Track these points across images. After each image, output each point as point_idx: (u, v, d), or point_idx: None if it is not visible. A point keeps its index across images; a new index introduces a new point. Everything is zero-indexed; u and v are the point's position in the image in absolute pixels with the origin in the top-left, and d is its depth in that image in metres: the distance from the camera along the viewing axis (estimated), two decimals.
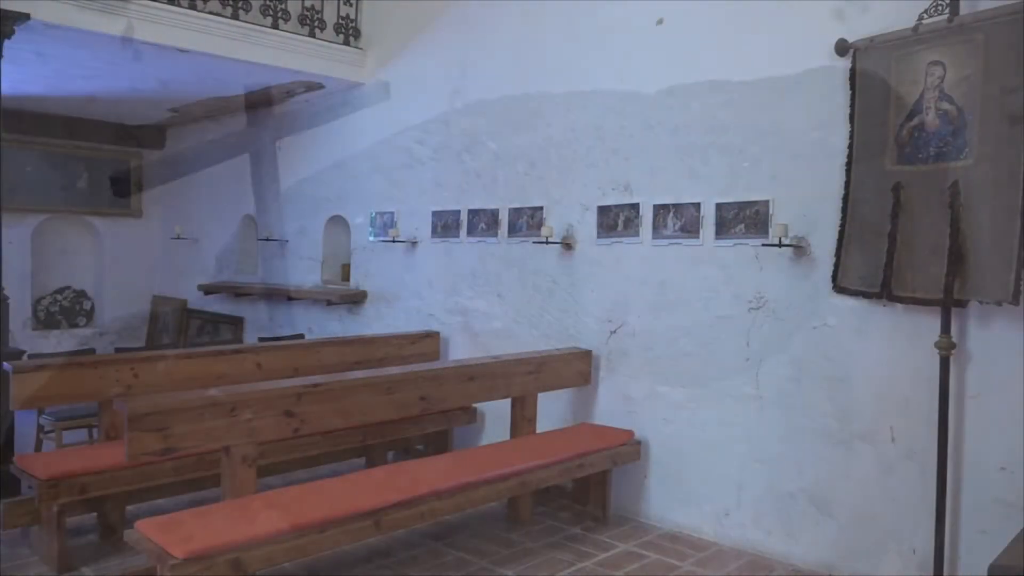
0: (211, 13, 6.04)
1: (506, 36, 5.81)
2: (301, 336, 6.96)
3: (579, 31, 5.31)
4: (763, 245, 4.32)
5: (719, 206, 4.55)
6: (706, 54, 4.63)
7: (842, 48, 3.99)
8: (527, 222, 5.64)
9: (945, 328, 3.59)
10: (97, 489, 4.07)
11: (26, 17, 5.10)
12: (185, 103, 8.15)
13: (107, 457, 4.16)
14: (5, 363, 4.51)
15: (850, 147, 3.95)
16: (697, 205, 4.66)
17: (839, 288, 4.00)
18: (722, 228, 4.54)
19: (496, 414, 5.66)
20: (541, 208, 5.54)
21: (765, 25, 4.36)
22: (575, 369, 5.11)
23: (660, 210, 4.85)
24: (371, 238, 7.00)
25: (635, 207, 4.98)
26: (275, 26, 6.44)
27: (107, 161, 9.62)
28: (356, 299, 7.02)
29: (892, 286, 3.73)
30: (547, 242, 5.37)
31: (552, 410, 5.36)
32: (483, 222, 5.96)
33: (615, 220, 5.09)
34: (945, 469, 3.62)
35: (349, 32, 6.95)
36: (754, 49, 4.41)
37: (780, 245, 4.18)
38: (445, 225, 6.27)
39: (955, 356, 3.62)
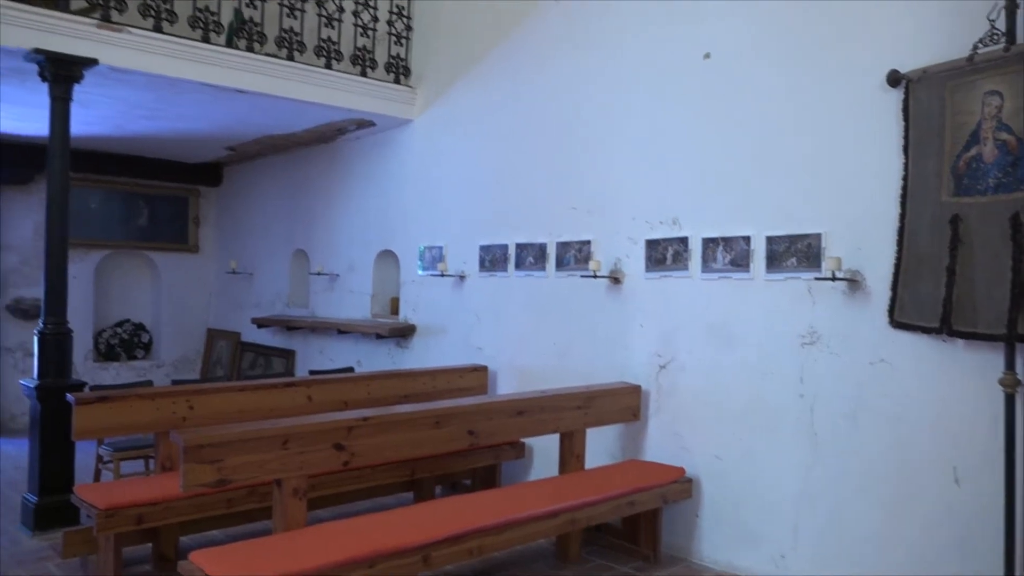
0: (268, 55, 6.25)
1: (552, 72, 5.87)
2: (351, 369, 7.04)
3: (626, 65, 5.34)
4: (816, 279, 4.25)
5: (770, 239, 4.50)
6: (754, 86, 4.62)
7: (894, 79, 3.94)
8: (575, 256, 5.65)
9: (1009, 364, 3.47)
10: (153, 520, 4.14)
11: (94, 62, 5.34)
12: (241, 141, 8.41)
13: (163, 488, 4.24)
14: (68, 395, 4.65)
15: (904, 178, 3.88)
16: (747, 239, 4.61)
17: (896, 323, 3.90)
18: (773, 262, 4.48)
19: (544, 449, 5.63)
20: (589, 242, 5.55)
21: (814, 56, 4.34)
22: (624, 404, 5.06)
23: (709, 244, 4.81)
24: (420, 272, 7.07)
25: (684, 241, 4.95)
26: (328, 66, 6.62)
27: (167, 198, 9.94)
28: (405, 333, 7.08)
29: (952, 321, 3.63)
30: (595, 276, 5.36)
31: (601, 446, 5.31)
32: (531, 256, 5.98)
33: (664, 254, 5.06)
34: (1013, 510, 3.47)
35: (399, 71, 7.10)
36: (804, 81, 4.39)
37: (834, 279, 4.10)
38: (493, 259, 6.31)
39: (1020, 393, 3.49)
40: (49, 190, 5.33)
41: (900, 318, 3.88)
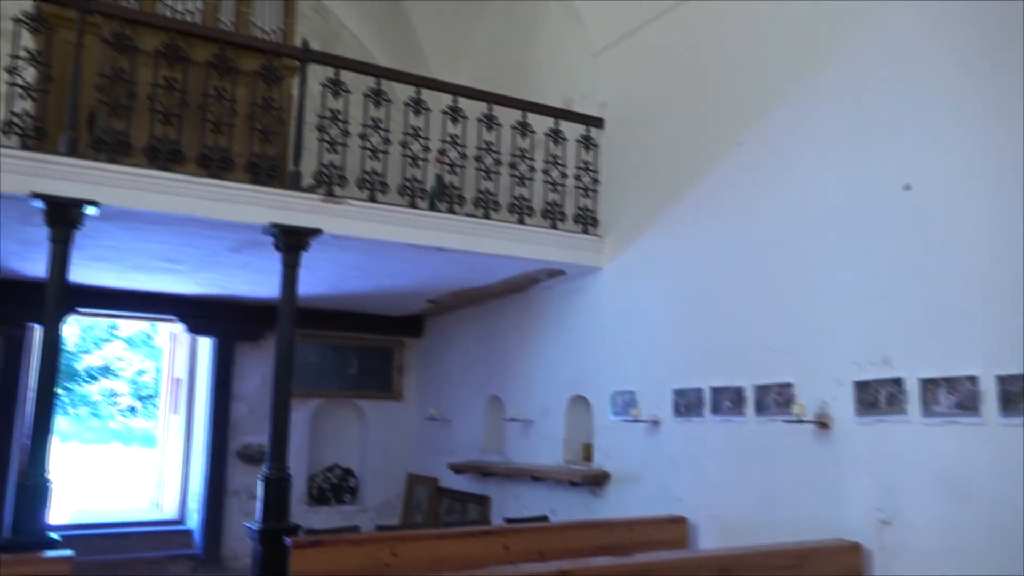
0: (466, 215, 6.76)
1: (742, 211, 5.85)
2: (544, 518, 6.96)
3: (820, 199, 5.23)
4: None
5: (1001, 379, 4.06)
6: (963, 215, 4.35)
7: None
8: (775, 399, 5.38)
9: None
10: None
11: (319, 232, 6.02)
12: (441, 294, 8.98)
13: None
14: (286, 538, 4.94)
15: None
16: (973, 378, 4.19)
17: None
18: (1009, 403, 4.02)
19: None
20: (790, 384, 5.28)
21: None
22: (842, 564, 4.59)
23: (928, 384, 4.42)
24: (612, 417, 7.00)
25: (898, 382, 4.58)
26: (521, 221, 7.02)
27: (374, 349, 10.70)
28: (598, 480, 6.95)
29: None
30: (799, 421, 5.05)
31: None
32: (727, 400, 5.77)
33: (875, 396, 4.70)
34: None
35: (588, 221, 7.38)
36: (1019, 206, 4.07)
37: None
38: (688, 404, 6.14)
39: None
40: (278, 347, 5.94)
41: None
